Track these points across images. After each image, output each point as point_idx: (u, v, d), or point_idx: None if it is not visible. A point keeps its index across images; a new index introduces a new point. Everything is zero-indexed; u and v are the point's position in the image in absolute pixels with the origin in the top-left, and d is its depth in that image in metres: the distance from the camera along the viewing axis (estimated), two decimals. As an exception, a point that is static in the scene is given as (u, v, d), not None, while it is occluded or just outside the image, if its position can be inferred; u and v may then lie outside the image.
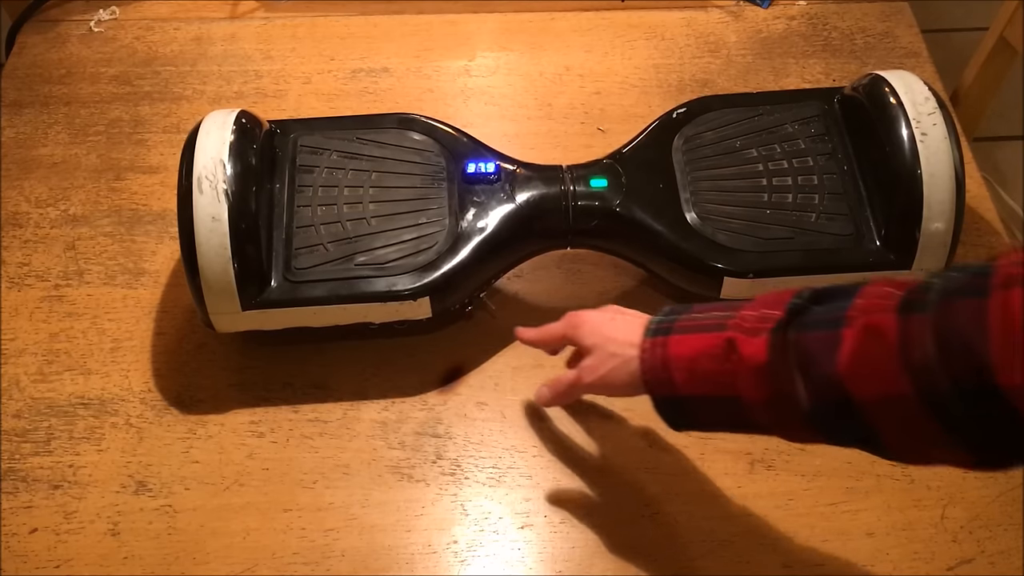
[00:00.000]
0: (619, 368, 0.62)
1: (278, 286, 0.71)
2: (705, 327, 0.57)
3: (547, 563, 0.68)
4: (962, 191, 0.71)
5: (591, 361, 0.64)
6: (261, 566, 0.67)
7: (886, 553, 0.67)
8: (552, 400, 0.69)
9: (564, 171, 0.77)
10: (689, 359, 0.57)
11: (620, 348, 0.62)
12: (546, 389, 0.69)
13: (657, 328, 0.60)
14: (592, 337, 0.64)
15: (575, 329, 0.66)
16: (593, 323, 0.65)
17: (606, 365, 0.63)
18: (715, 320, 0.57)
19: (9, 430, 0.74)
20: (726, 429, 0.60)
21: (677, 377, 0.58)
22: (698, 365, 0.57)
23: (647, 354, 0.60)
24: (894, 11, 1.01)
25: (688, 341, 0.58)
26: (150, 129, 0.93)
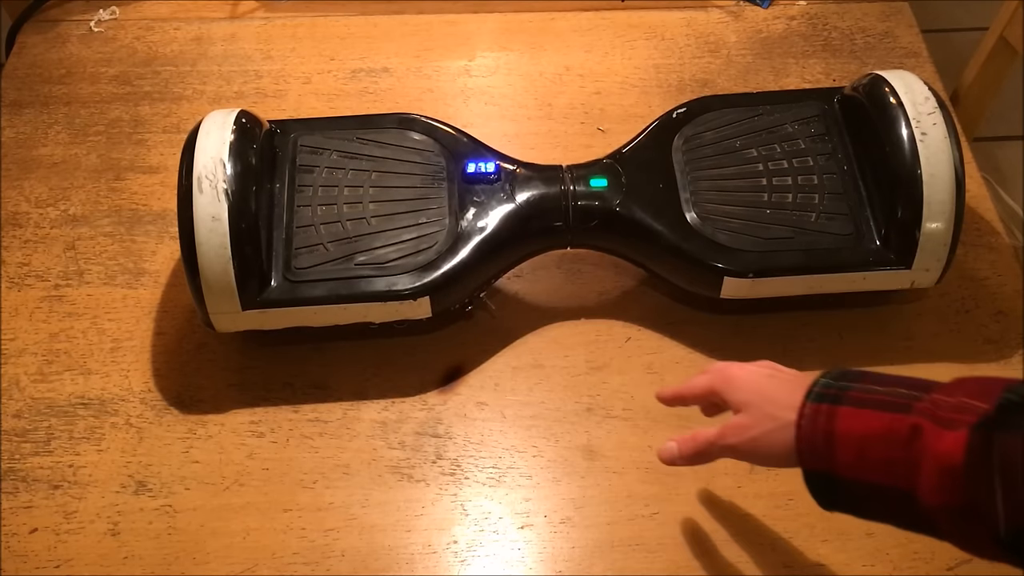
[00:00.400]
0: (774, 433, 0.55)
1: (278, 286, 0.71)
2: (884, 404, 0.50)
3: (547, 563, 0.68)
4: (962, 191, 0.71)
5: (741, 420, 0.57)
6: (261, 566, 0.67)
7: (886, 553, 0.67)
8: (681, 458, 0.61)
9: (564, 171, 0.77)
10: (860, 439, 0.50)
11: (778, 410, 0.55)
12: (675, 445, 0.61)
13: (823, 393, 0.53)
14: (745, 393, 0.58)
15: (726, 383, 0.60)
16: (747, 378, 0.59)
17: (758, 427, 0.56)
18: (899, 398, 0.50)
19: (9, 430, 0.74)
20: (889, 522, 0.52)
21: (841, 456, 0.51)
22: (870, 448, 0.49)
23: (807, 421, 0.53)
24: (894, 11, 1.01)
25: (861, 417, 0.50)
26: (150, 129, 0.93)
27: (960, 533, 0.48)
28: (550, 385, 0.76)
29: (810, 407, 0.53)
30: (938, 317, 0.79)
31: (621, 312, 0.80)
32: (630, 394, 0.75)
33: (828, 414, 0.52)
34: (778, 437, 0.55)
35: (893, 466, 0.49)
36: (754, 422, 0.56)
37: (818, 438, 0.52)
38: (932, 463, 0.47)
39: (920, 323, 0.79)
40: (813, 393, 0.54)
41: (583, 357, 0.77)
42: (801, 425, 0.53)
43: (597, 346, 0.78)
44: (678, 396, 0.64)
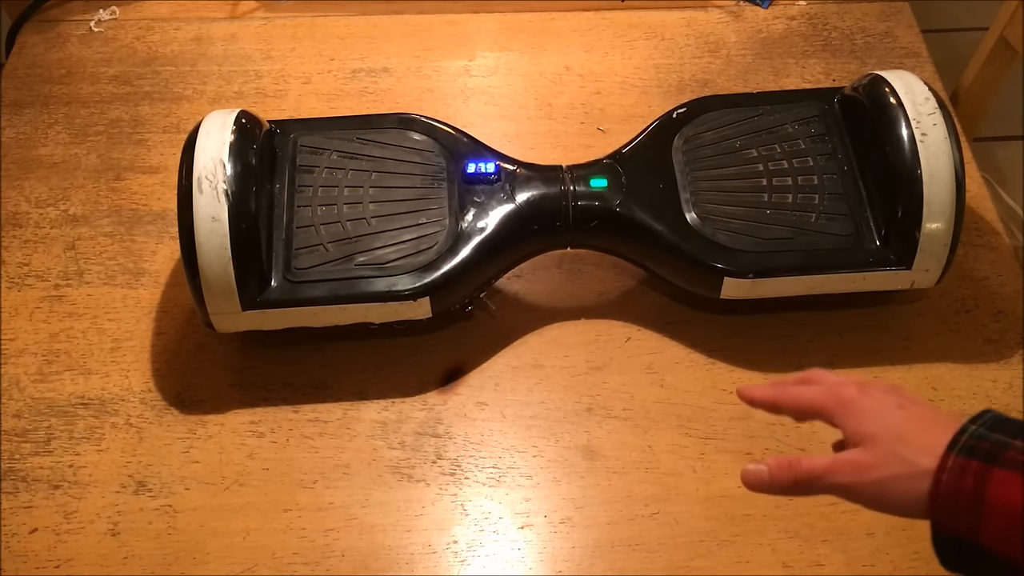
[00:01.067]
0: (903, 481, 0.47)
1: (278, 286, 0.71)
2: None
3: (547, 563, 0.68)
4: (962, 191, 0.71)
5: (861, 457, 0.49)
6: (261, 566, 0.67)
7: (886, 553, 0.67)
8: (772, 486, 0.52)
9: (564, 171, 0.77)
10: (1019, 512, 0.43)
11: (912, 454, 0.47)
12: (765, 469, 0.52)
13: (974, 446, 0.45)
14: (869, 425, 0.49)
15: (843, 408, 0.51)
16: (872, 407, 0.50)
17: (883, 470, 0.48)
18: None
19: (9, 430, 0.74)
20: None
21: (991, 528, 0.43)
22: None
23: (951, 478, 0.45)
24: (894, 11, 1.01)
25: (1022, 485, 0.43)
26: (150, 129, 0.93)
27: None
28: (550, 385, 0.76)
29: (956, 461, 0.45)
30: (938, 317, 0.79)
31: (621, 312, 0.80)
32: (630, 394, 0.75)
33: (979, 475, 0.44)
34: (908, 486, 0.47)
35: None
36: (879, 462, 0.48)
37: (963, 501, 0.44)
38: None
39: (920, 323, 0.79)
40: (961, 444, 0.46)
41: (583, 357, 0.77)
42: (942, 481, 0.45)
43: (597, 346, 0.78)
44: (771, 403, 0.55)
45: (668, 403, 0.75)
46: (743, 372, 0.76)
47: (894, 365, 0.76)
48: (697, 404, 0.75)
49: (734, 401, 0.74)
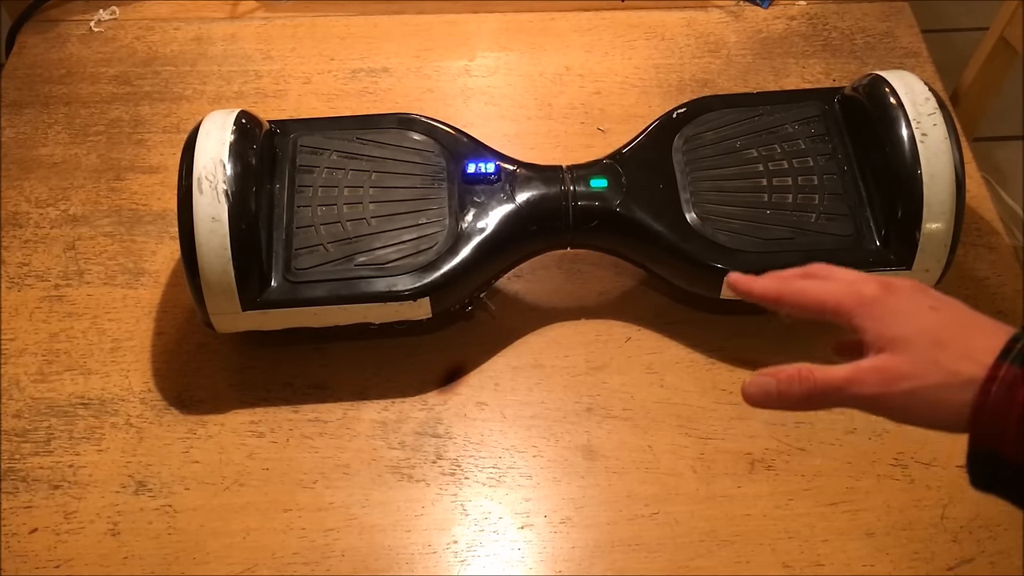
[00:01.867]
0: (942, 390, 0.42)
1: (278, 286, 0.71)
2: None
3: (547, 563, 0.68)
4: (962, 191, 0.71)
5: (892, 363, 0.44)
6: (261, 566, 0.68)
7: (886, 553, 0.68)
8: (779, 399, 0.48)
9: (564, 171, 0.77)
10: None
11: (954, 360, 0.42)
12: (772, 381, 0.47)
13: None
14: (901, 327, 0.44)
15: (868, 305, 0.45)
16: (906, 306, 0.44)
17: (919, 378, 0.43)
18: None
19: (9, 430, 0.74)
20: None
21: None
22: None
23: (1002, 388, 0.41)
24: (894, 11, 1.01)
25: None
26: (150, 129, 0.93)
27: None
28: (550, 385, 0.76)
29: (1010, 370, 0.40)
30: (938, 317, 0.79)
31: (621, 312, 0.80)
32: (630, 394, 0.75)
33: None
34: (946, 396, 0.42)
35: None
36: (912, 370, 0.43)
37: (1013, 415, 0.40)
38: None
39: (920, 323, 0.79)
40: (1016, 351, 0.41)
41: (583, 357, 0.77)
42: (991, 391, 0.41)
43: (597, 346, 0.78)
44: (773, 296, 0.49)
45: (668, 403, 0.75)
46: (743, 372, 0.76)
47: (894, 365, 0.76)
48: (697, 404, 0.75)
49: (734, 401, 0.74)
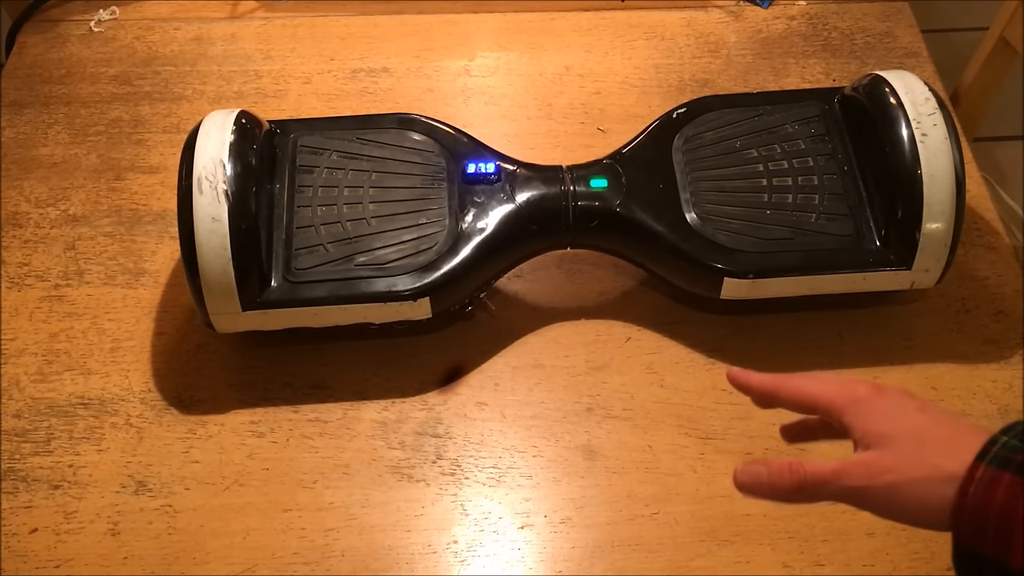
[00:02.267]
0: (925, 484, 0.43)
1: (278, 286, 0.71)
2: None
3: (547, 563, 0.68)
4: (962, 192, 0.71)
5: (877, 458, 0.45)
6: (261, 566, 0.68)
7: (886, 553, 0.67)
8: (770, 489, 0.49)
9: (564, 171, 0.77)
10: None
11: (936, 456, 0.43)
12: (764, 471, 0.49)
13: (1007, 459, 0.42)
14: (886, 425, 0.45)
15: (857, 403, 0.47)
16: (893, 406, 0.46)
17: (902, 472, 0.44)
18: None
19: (9, 430, 0.74)
20: None
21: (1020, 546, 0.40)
22: None
23: (979, 489, 0.41)
24: (894, 11, 1.01)
25: None
26: (150, 129, 0.93)
27: None
28: (550, 385, 0.76)
29: (986, 472, 0.42)
30: (938, 317, 0.79)
31: (621, 312, 0.80)
32: (630, 394, 0.75)
33: (1011, 489, 0.41)
34: (929, 491, 0.43)
35: None
36: (896, 464, 0.44)
37: (992, 516, 0.41)
38: None
39: (920, 323, 0.79)
40: (992, 454, 0.42)
41: (583, 357, 0.77)
42: (969, 492, 0.42)
43: (597, 346, 0.78)
44: (769, 390, 0.51)
45: (668, 403, 0.75)
46: (743, 372, 0.76)
47: (894, 365, 0.76)
48: (697, 404, 0.75)
49: (734, 401, 0.74)
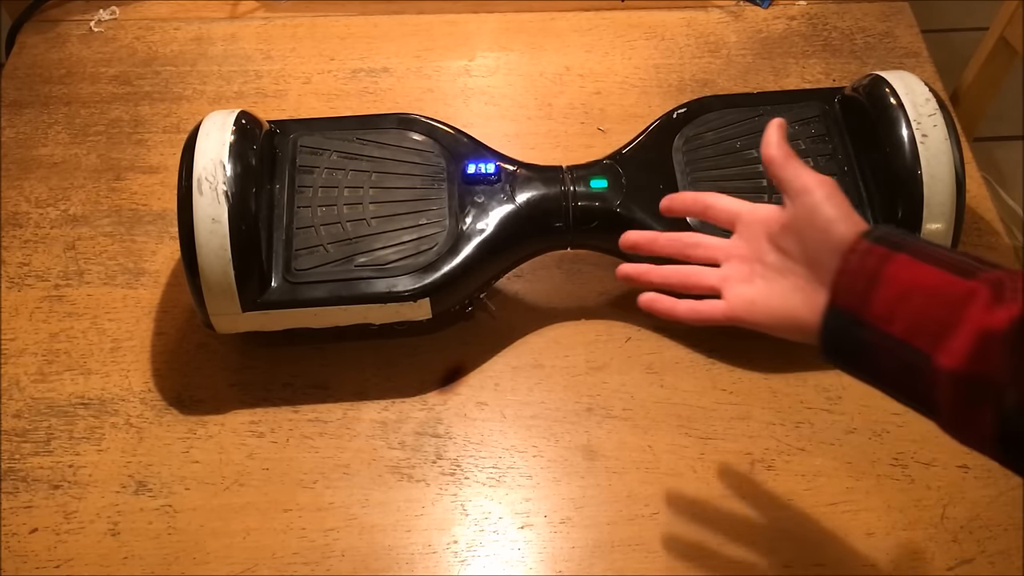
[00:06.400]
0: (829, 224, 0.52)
1: (278, 287, 0.71)
2: (948, 264, 0.48)
3: (547, 563, 0.68)
4: (962, 192, 0.71)
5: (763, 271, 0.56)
6: (261, 566, 0.68)
7: (886, 553, 0.68)
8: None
9: (564, 171, 0.77)
10: (906, 287, 0.48)
11: (826, 246, 0.52)
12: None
13: (883, 237, 0.50)
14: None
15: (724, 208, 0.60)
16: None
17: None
18: (964, 264, 0.47)
19: (9, 430, 0.74)
20: (882, 385, 0.51)
21: (878, 300, 0.48)
22: (912, 299, 0.47)
23: (856, 258, 0.50)
24: (894, 11, 1.01)
25: (919, 269, 0.48)
26: (150, 129, 0.93)
27: (958, 408, 0.46)
28: (550, 385, 0.76)
29: (866, 244, 0.50)
30: (938, 317, 0.79)
31: (621, 312, 0.80)
32: (630, 394, 0.75)
33: (884, 257, 0.49)
34: (836, 230, 0.53)
35: (926, 323, 0.46)
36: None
37: (863, 275, 0.49)
38: (972, 327, 0.44)
39: (920, 323, 0.79)
40: (872, 234, 0.51)
41: (583, 357, 0.77)
42: (849, 260, 0.50)
43: (597, 346, 0.78)
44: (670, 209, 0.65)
45: (668, 403, 0.75)
46: (743, 372, 0.76)
47: (894, 365, 0.76)
48: (697, 404, 0.75)
49: (734, 401, 0.74)
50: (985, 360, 0.44)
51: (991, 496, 0.70)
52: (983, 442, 0.46)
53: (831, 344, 0.52)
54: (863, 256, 0.50)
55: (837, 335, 0.51)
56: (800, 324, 0.54)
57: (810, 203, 0.54)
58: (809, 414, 0.74)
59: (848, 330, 0.50)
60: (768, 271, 0.57)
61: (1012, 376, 0.43)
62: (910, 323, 0.47)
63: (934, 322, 0.46)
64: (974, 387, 0.45)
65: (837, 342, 0.51)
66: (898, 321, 0.48)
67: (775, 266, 0.57)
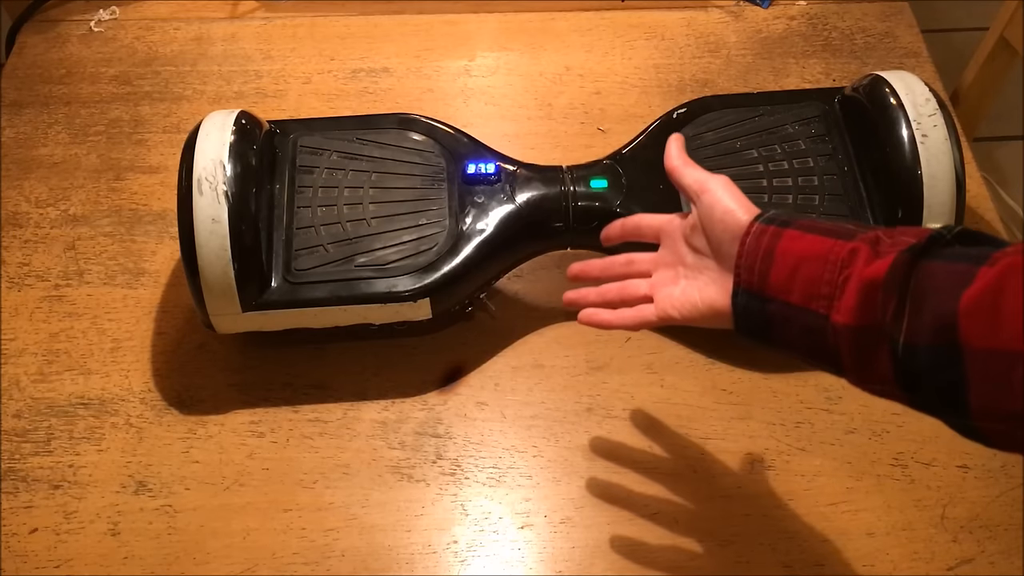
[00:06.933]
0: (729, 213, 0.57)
1: (278, 287, 0.71)
2: (831, 232, 0.52)
3: (547, 563, 0.68)
4: (962, 192, 0.71)
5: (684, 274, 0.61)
6: (261, 566, 0.68)
7: (886, 553, 0.68)
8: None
9: (564, 171, 0.77)
10: (797, 258, 0.52)
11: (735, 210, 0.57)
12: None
13: (773, 218, 0.55)
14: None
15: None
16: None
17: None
18: (845, 229, 0.52)
19: (9, 430, 0.74)
20: (795, 351, 0.54)
21: (775, 274, 0.53)
22: (805, 267, 0.51)
23: (751, 239, 0.55)
24: (894, 11, 1.01)
25: (806, 240, 0.52)
26: (150, 129, 0.93)
27: (859, 357, 0.49)
28: (550, 385, 0.76)
29: (757, 226, 0.55)
30: (938, 317, 0.79)
31: (621, 312, 0.80)
32: (630, 394, 0.75)
33: (775, 235, 0.54)
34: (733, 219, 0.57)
35: (818, 286, 0.50)
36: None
37: (759, 254, 0.54)
38: (856, 282, 0.48)
39: (920, 323, 0.79)
40: (763, 216, 0.56)
41: (583, 357, 0.77)
42: (745, 243, 0.55)
43: (597, 346, 0.78)
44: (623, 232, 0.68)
45: (668, 403, 0.75)
46: (743, 372, 0.76)
47: (894, 365, 0.76)
48: (697, 404, 0.75)
49: (734, 401, 0.74)
50: (871, 309, 0.48)
51: (991, 496, 0.70)
52: (886, 387, 0.49)
53: (743, 323, 0.56)
54: (757, 237, 0.54)
55: (746, 313, 0.55)
56: (719, 312, 0.58)
57: (709, 201, 0.59)
58: (809, 414, 0.74)
59: (754, 307, 0.54)
60: (689, 271, 0.61)
61: (894, 318, 0.46)
62: (805, 290, 0.51)
63: (825, 284, 0.50)
64: (867, 336, 0.48)
65: (748, 320, 0.55)
66: (795, 290, 0.52)
67: (693, 265, 0.61)
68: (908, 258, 0.47)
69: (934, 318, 0.45)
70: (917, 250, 0.47)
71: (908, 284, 0.46)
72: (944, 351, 0.44)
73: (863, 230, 0.51)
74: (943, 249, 0.47)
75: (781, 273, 0.52)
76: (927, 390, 0.47)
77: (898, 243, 0.49)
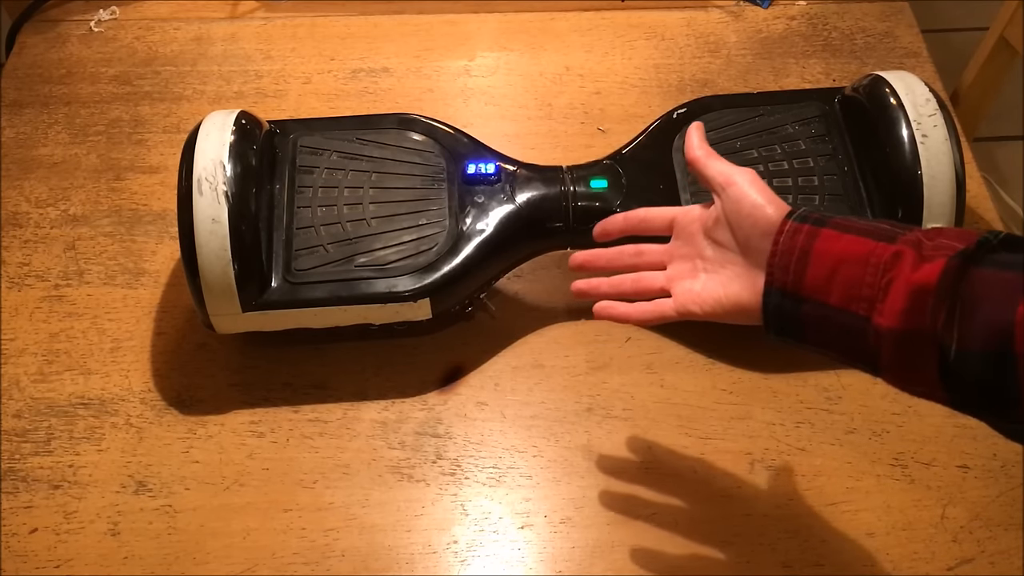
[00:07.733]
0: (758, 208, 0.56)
1: (278, 287, 0.71)
2: (870, 232, 0.51)
3: (547, 563, 0.68)
4: (962, 192, 0.71)
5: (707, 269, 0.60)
6: (261, 566, 0.68)
7: (886, 553, 0.68)
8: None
9: (564, 171, 0.77)
10: (837, 258, 0.51)
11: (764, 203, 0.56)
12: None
13: (806, 216, 0.54)
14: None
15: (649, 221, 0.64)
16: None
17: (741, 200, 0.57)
18: (884, 231, 0.51)
19: (9, 430, 0.74)
20: (829, 351, 0.53)
21: (812, 273, 0.51)
22: (845, 269, 0.50)
23: (785, 238, 0.53)
24: (894, 11, 1.01)
25: (844, 240, 0.51)
26: (150, 129, 0.93)
27: (902, 359, 0.49)
28: (550, 385, 0.76)
29: (791, 224, 0.54)
30: (938, 317, 0.79)
31: (621, 312, 0.80)
32: (630, 394, 0.75)
33: (811, 234, 0.52)
34: (765, 214, 0.56)
35: (860, 288, 0.49)
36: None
37: (794, 252, 0.52)
38: (903, 286, 0.48)
39: (920, 323, 0.79)
40: (796, 214, 0.54)
41: (583, 357, 0.77)
42: (778, 241, 0.53)
43: (597, 346, 0.78)
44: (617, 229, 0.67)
45: (668, 403, 0.75)
46: (743, 372, 0.76)
47: (894, 365, 0.76)
48: (697, 404, 0.75)
49: (734, 401, 0.74)
50: (920, 314, 0.47)
51: (991, 496, 0.70)
52: (931, 391, 0.49)
53: (775, 323, 0.54)
54: (792, 235, 0.53)
55: (779, 313, 0.54)
56: (744, 308, 0.57)
57: (736, 194, 0.58)
58: (809, 414, 0.74)
59: (788, 307, 0.53)
60: (709, 264, 0.60)
61: (946, 324, 0.46)
62: (845, 292, 0.50)
63: (867, 286, 0.49)
64: (913, 340, 0.48)
65: (780, 320, 0.54)
66: (834, 292, 0.51)
67: (714, 259, 0.60)
68: (959, 263, 0.46)
69: (988, 325, 0.45)
70: (968, 256, 0.47)
71: (959, 290, 0.46)
72: (998, 358, 0.45)
73: (902, 231, 0.51)
74: (992, 255, 0.47)
75: (818, 274, 0.51)
76: (973, 393, 0.47)
77: (941, 246, 0.48)
